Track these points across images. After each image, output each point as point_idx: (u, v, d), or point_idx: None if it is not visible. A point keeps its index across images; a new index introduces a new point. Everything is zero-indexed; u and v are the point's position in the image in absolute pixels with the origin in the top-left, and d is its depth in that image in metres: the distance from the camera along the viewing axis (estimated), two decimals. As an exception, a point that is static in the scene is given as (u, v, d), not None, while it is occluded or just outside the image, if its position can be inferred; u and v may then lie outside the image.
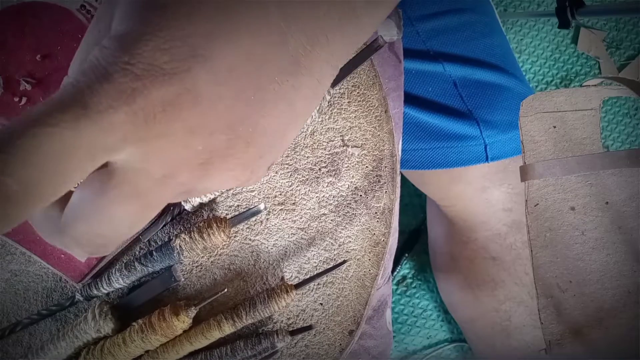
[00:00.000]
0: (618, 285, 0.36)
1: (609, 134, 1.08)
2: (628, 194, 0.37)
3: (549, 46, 1.08)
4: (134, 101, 0.16)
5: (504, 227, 0.62)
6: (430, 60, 0.57)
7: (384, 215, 0.38)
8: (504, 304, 0.64)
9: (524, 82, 0.61)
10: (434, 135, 0.58)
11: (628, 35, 1.09)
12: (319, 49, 0.20)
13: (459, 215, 0.65)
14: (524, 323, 0.63)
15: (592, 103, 0.39)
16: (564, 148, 0.38)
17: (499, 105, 0.58)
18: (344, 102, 0.38)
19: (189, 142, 0.18)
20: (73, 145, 0.15)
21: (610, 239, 0.37)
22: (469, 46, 0.58)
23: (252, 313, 0.34)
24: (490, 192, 0.61)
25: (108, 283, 0.34)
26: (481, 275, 0.65)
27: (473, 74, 0.57)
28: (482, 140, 0.57)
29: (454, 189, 0.63)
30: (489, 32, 0.60)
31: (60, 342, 0.33)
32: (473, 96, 0.57)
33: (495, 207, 0.61)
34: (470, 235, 0.64)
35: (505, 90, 0.58)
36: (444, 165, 0.59)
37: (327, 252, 0.37)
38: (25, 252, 0.35)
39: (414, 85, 0.57)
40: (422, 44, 0.57)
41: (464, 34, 0.58)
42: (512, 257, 0.62)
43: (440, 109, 0.58)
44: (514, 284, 0.63)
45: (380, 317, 0.42)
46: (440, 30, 0.57)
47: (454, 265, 0.70)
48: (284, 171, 0.37)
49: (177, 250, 0.33)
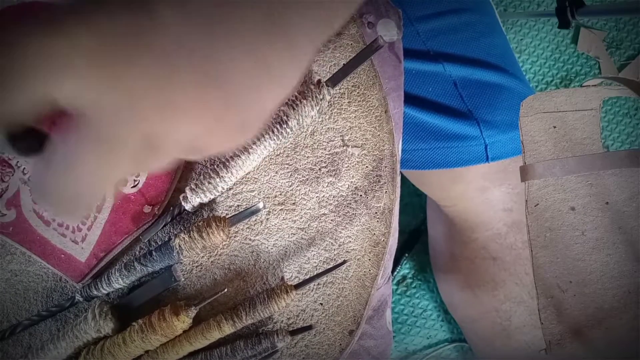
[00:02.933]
0: (618, 285, 0.36)
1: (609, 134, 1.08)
2: (628, 194, 0.37)
3: (549, 46, 1.07)
4: (100, 25, 0.16)
5: (504, 227, 0.62)
6: (431, 61, 0.57)
7: (384, 215, 0.38)
8: (504, 304, 0.64)
9: (524, 82, 0.61)
10: (434, 135, 0.58)
11: (628, 35, 1.09)
12: (292, 13, 0.20)
13: (459, 215, 0.65)
14: (524, 323, 0.63)
15: (592, 103, 0.38)
16: (564, 148, 0.38)
17: (499, 106, 0.58)
18: (344, 102, 0.38)
19: (153, 74, 0.17)
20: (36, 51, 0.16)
21: (610, 239, 0.37)
22: (469, 46, 0.58)
23: (252, 313, 0.34)
24: (491, 192, 0.61)
25: (108, 283, 0.34)
26: (481, 275, 0.65)
27: (473, 74, 0.57)
28: (483, 141, 0.57)
29: (454, 189, 0.63)
30: (489, 32, 0.60)
31: (60, 342, 0.33)
32: (473, 96, 0.58)
33: (496, 207, 0.61)
34: (470, 235, 0.64)
35: (506, 90, 0.58)
36: (444, 166, 0.59)
37: (327, 252, 0.37)
38: (25, 252, 0.35)
39: (414, 85, 0.57)
40: (422, 44, 0.57)
41: (464, 34, 0.58)
42: (512, 257, 0.62)
43: (441, 109, 0.58)
44: (514, 284, 0.63)
45: (380, 317, 0.42)
46: (441, 31, 0.57)
47: (454, 265, 0.70)
48: (284, 171, 0.37)
49: (177, 249, 0.33)
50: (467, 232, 0.65)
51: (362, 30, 0.39)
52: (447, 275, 0.74)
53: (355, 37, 0.38)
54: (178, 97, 0.18)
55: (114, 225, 0.34)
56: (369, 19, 0.40)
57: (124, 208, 0.34)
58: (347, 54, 0.38)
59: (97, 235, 0.34)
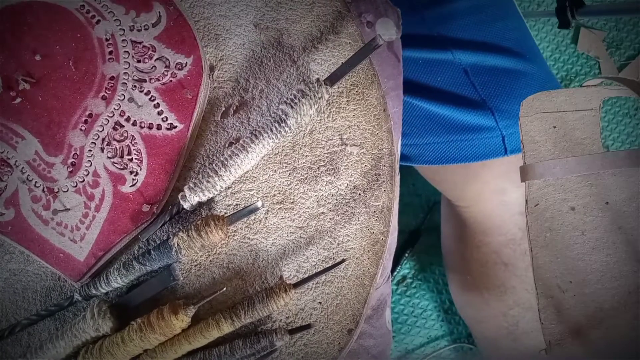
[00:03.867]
0: (618, 286, 0.36)
1: (609, 134, 1.08)
2: (628, 194, 0.37)
3: (549, 46, 1.07)
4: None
5: (519, 232, 0.58)
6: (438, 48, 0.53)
7: (383, 214, 0.38)
8: (513, 309, 0.61)
9: (543, 67, 0.56)
10: (446, 127, 0.54)
11: (628, 35, 1.09)
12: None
13: (473, 217, 0.61)
14: (532, 329, 0.61)
15: (592, 103, 0.38)
16: (564, 148, 0.38)
17: (516, 93, 0.53)
18: (342, 101, 0.38)
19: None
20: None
21: (610, 239, 0.37)
22: (480, 30, 0.53)
23: (250, 312, 0.34)
24: (509, 195, 0.56)
25: (106, 282, 0.34)
26: (491, 280, 0.62)
27: (485, 60, 0.53)
28: (499, 132, 0.53)
29: (469, 188, 0.59)
30: (503, 15, 0.55)
31: (59, 341, 0.33)
32: (487, 84, 0.53)
33: (512, 210, 0.57)
34: (482, 239, 0.61)
35: (523, 76, 0.54)
36: (459, 160, 0.55)
37: (326, 250, 0.37)
38: (23, 251, 0.35)
39: (423, 74, 0.54)
40: (428, 30, 0.53)
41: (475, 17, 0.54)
42: (525, 264, 0.58)
43: (452, 99, 0.53)
44: (525, 291, 0.59)
45: (379, 317, 0.42)
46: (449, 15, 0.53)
47: (464, 266, 0.67)
48: (282, 170, 0.37)
49: (175, 248, 0.33)
50: (479, 235, 0.61)
51: (361, 29, 0.39)
52: (456, 275, 0.70)
53: (353, 36, 0.38)
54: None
55: (113, 224, 0.34)
56: (367, 18, 0.40)
57: (123, 207, 0.34)
58: (346, 53, 0.38)
59: (95, 235, 0.34)
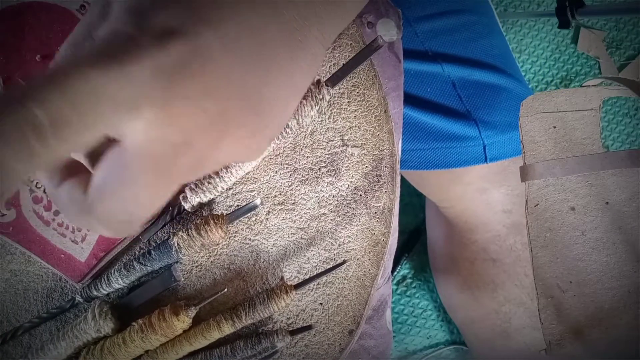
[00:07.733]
0: (618, 286, 0.36)
1: (609, 134, 1.08)
2: (628, 194, 0.37)
3: (549, 46, 1.07)
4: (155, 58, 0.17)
5: (503, 229, 0.61)
6: (429, 61, 0.57)
7: (384, 215, 0.38)
8: (504, 305, 0.63)
9: (522, 83, 0.61)
10: (432, 135, 0.58)
11: (628, 35, 1.09)
12: (310, 25, 0.22)
13: (458, 216, 0.65)
14: (523, 325, 0.63)
15: (592, 103, 0.38)
16: (564, 148, 0.38)
17: (497, 106, 0.58)
18: (343, 102, 0.38)
19: (205, 106, 0.19)
20: (102, 92, 0.16)
21: (610, 239, 0.37)
22: (467, 47, 0.58)
23: (251, 313, 0.34)
24: (490, 194, 0.60)
25: (107, 283, 0.34)
26: (481, 277, 0.65)
27: (472, 75, 0.57)
28: (481, 141, 0.57)
29: (453, 190, 0.63)
30: (488, 32, 0.60)
31: (60, 342, 0.33)
32: (472, 97, 0.57)
33: (495, 208, 0.61)
34: (470, 237, 0.64)
35: (504, 91, 0.58)
36: (442, 166, 0.59)
37: (327, 252, 0.37)
38: (25, 252, 0.35)
39: (413, 85, 0.57)
40: (421, 44, 0.57)
41: (463, 34, 0.58)
42: (512, 258, 0.61)
43: (439, 109, 0.58)
44: (514, 286, 0.62)
45: (380, 317, 0.42)
46: (439, 31, 0.57)
47: (453, 266, 0.70)
48: (283, 171, 0.37)
49: (175, 247, 0.33)
50: (466, 233, 0.64)
51: (362, 30, 0.39)
52: (446, 277, 0.73)
53: (354, 37, 0.38)
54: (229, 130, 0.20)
55: (114, 225, 0.34)
56: (368, 19, 0.40)
57: (124, 208, 0.34)
58: (347, 54, 0.38)
59: (96, 236, 0.34)
